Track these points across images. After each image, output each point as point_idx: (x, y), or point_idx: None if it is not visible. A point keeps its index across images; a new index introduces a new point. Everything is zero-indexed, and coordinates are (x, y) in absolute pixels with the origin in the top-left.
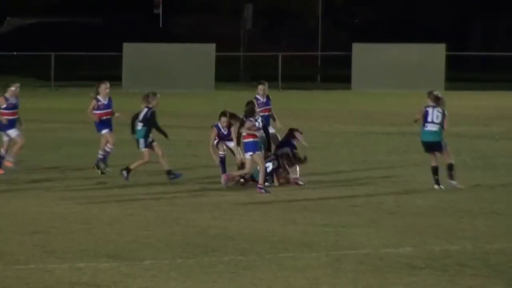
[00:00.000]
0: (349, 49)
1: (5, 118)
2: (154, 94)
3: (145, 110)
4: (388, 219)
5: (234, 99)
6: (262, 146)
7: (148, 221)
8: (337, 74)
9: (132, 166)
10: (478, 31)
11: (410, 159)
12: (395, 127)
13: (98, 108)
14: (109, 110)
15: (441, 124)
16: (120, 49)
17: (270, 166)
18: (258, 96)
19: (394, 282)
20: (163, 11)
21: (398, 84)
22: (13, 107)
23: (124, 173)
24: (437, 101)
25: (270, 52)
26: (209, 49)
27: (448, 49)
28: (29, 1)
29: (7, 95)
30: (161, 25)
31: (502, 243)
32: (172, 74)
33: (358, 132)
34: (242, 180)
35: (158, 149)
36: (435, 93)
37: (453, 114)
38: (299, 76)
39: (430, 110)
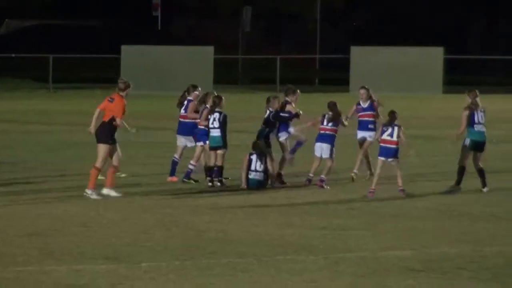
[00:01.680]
0: (348, 52)
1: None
2: (275, 97)
3: (267, 112)
4: (387, 222)
5: (233, 101)
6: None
7: (146, 223)
8: (336, 77)
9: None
10: (477, 34)
11: (409, 162)
12: None
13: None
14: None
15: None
16: (118, 52)
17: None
18: (360, 101)
19: (392, 285)
20: (161, 14)
21: (396, 87)
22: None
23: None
24: (475, 100)
25: (268, 55)
26: (208, 51)
27: (446, 52)
28: (27, 4)
29: (191, 97)
30: (159, 28)
31: (501, 246)
32: (171, 77)
33: (356, 135)
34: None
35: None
36: (477, 92)
37: (451, 118)
38: (298, 79)
39: (474, 111)
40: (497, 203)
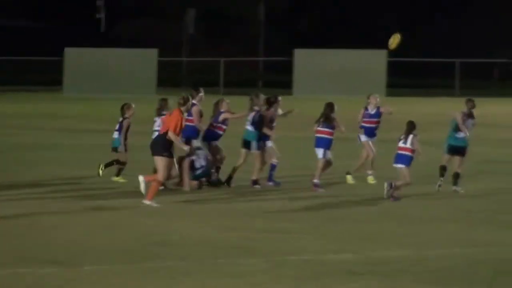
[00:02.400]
0: (291, 54)
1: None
2: (257, 95)
3: (253, 113)
4: (330, 225)
5: (175, 104)
6: None
7: (89, 226)
8: (279, 80)
9: (254, 176)
10: (419, 38)
11: (353, 165)
12: (338, 133)
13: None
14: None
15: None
16: (62, 54)
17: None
18: (368, 107)
19: None
20: (105, 16)
21: (339, 90)
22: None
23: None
24: (471, 110)
25: (212, 57)
26: (151, 54)
27: (389, 55)
28: None
29: (195, 101)
30: (103, 30)
31: (443, 249)
32: (114, 79)
33: (300, 138)
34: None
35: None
36: (474, 102)
37: (394, 120)
38: (241, 81)
39: (466, 121)
40: (440, 206)
